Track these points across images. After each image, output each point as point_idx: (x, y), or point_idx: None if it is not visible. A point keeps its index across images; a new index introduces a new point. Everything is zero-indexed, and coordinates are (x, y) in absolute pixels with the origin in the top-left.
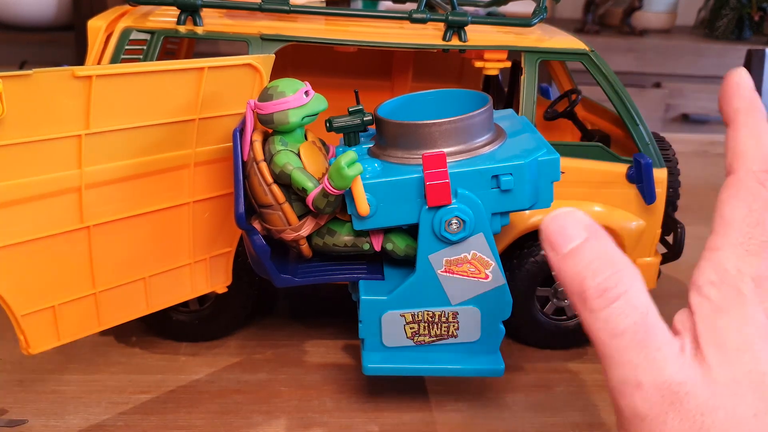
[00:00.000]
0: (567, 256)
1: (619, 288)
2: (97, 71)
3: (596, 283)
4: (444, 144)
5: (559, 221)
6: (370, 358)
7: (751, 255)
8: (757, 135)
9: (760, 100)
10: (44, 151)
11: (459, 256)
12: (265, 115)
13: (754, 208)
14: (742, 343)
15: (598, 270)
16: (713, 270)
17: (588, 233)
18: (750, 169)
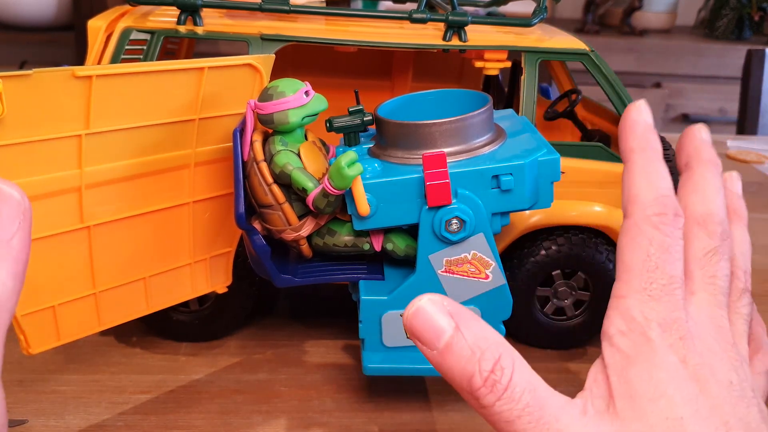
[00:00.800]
0: (443, 352)
1: (504, 376)
2: (97, 71)
3: (483, 380)
4: (444, 144)
5: (421, 316)
6: (370, 358)
7: (653, 300)
8: (648, 175)
9: (656, 137)
10: (44, 151)
11: (459, 256)
12: (265, 115)
13: (651, 252)
14: (655, 391)
15: (482, 364)
16: (621, 318)
17: (455, 320)
18: (644, 213)
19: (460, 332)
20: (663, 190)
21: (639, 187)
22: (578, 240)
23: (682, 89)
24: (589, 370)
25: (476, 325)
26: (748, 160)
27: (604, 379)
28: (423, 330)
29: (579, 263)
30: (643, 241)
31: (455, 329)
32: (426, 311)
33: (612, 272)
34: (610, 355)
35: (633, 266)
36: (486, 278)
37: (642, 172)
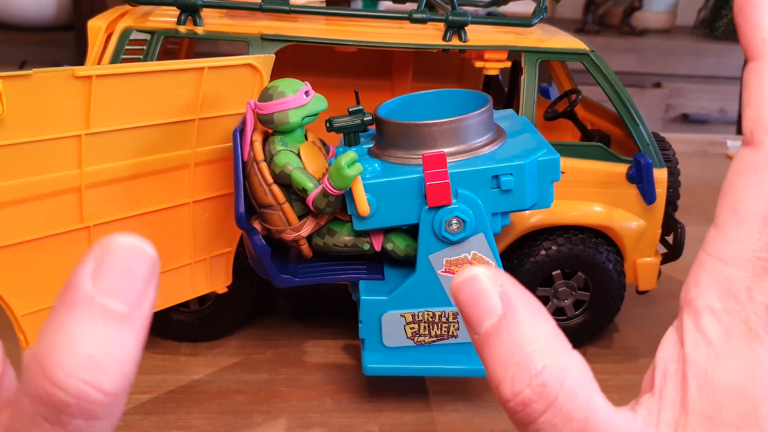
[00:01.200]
0: (485, 339)
1: (545, 397)
2: (97, 71)
3: (514, 394)
4: (444, 144)
5: (471, 287)
6: (370, 358)
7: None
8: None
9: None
10: (44, 151)
11: (459, 256)
12: (265, 115)
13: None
14: (744, 415)
15: (516, 374)
16: (716, 291)
17: (503, 304)
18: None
19: (505, 322)
20: None
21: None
22: (578, 240)
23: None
24: (660, 353)
25: (528, 316)
26: None
27: (680, 379)
28: (469, 304)
29: (579, 263)
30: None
31: (501, 316)
32: (478, 283)
33: (611, 272)
34: (694, 346)
35: (751, 217)
36: None
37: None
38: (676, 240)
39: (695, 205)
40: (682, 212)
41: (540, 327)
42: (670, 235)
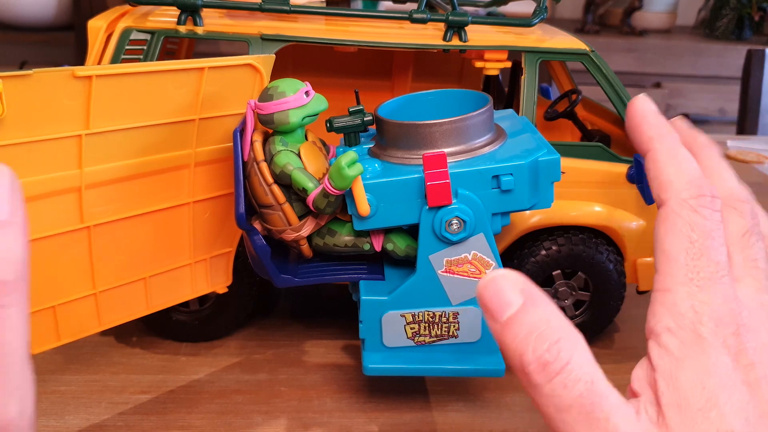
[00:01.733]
0: (505, 325)
1: (560, 360)
2: (97, 71)
3: (536, 357)
4: (444, 144)
5: (493, 286)
6: (370, 358)
7: (702, 291)
8: (677, 160)
9: (668, 124)
10: (44, 151)
11: (459, 256)
12: (265, 115)
13: (695, 238)
14: (706, 401)
15: (536, 343)
16: (668, 315)
17: (524, 297)
18: (680, 198)
19: (525, 309)
20: (694, 172)
21: (669, 173)
22: (578, 240)
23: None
24: (634, 371)
25: (545, 307)
26: (748, 160)
27: (652, 384)
28: (491, 300)
29: (579, 263)
30: (683, 227)
31: (522, 306)
32: (499, 283)
33: (612, 272)
34: (659, 357)
35: (676, 256)
36: None
37: (669, 158)
38: None
39: None
40: None
41: (555, 313)
42: None
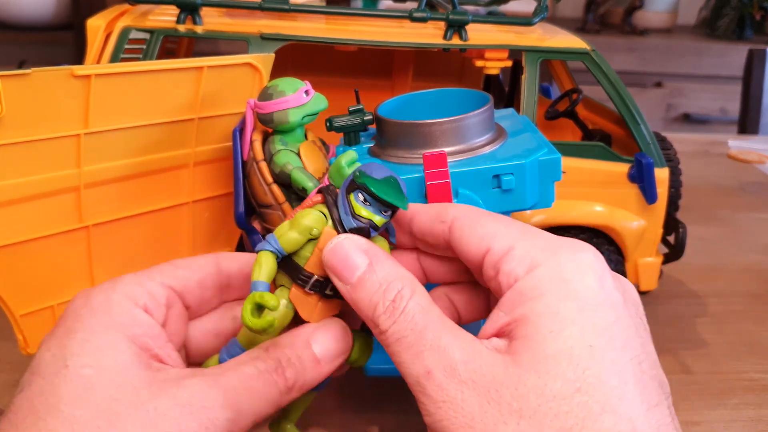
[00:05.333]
0: (356, 285)
1: (401, 302)
2: (96, 70)
3: (385, 307)
4: (445, 143)
5: (340, 250)
6: (372, 359)
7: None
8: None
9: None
10: (43, 150)
11: None
12: (264, 114)
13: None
14: (561, 323)
15: (386, 295)
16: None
17: (369, 257)
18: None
19: (372, 268)
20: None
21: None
22: (590, 239)
23: (683, 89)
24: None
25: (388, 263)
26: (749, 159)
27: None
28: (339, 265)
29: None
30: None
31: (369, 265)
32: (344, 248)
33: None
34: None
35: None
36: None
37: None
38: (678, 240)
39: (696, 205)
40: (683, 212)
41: (396, 266)
42: (672, 235)
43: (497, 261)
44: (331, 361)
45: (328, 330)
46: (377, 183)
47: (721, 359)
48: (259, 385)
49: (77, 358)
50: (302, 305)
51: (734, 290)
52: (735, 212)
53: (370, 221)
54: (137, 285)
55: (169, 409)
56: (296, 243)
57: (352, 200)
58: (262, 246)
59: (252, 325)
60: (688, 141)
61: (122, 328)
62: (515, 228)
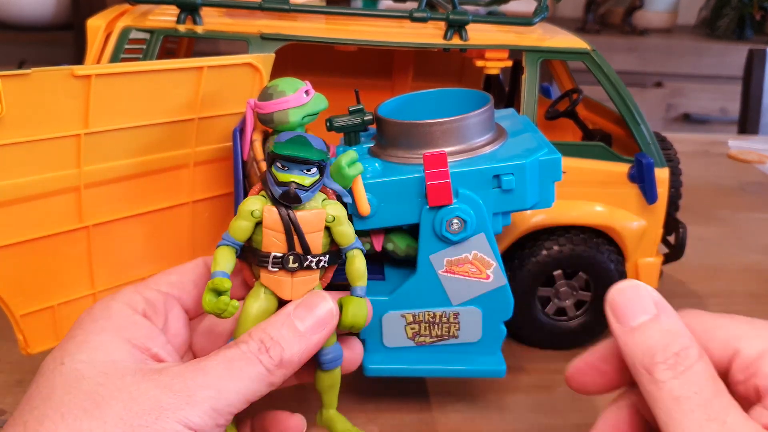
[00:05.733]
0: (635, 330)
1: (688, 359)
2: (96, 70)
3: (665, 358)
4: (445, 143)
5: (631, 293)
6: (371, 359)
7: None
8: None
9: None
10: (43, 150)
11: (460, 256)
12: (265, 114)
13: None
14: None
15: (670, 345)
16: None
17: (658, 310)
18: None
19: (658, 318)
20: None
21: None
22: (579, 240)
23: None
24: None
25: (676, 319)
26: (749, 159)
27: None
28: (623, 306)
29: (580, 263)
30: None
31: (656, 315)
32: (637, 291)
33: (613, 272)
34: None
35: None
36: (487, 278)
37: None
38: (678, 240)
39: (697, 205)
40: (683, 212)
41: (683, 325)
42: (672, 235)
43: (750, 364)
44: (316, 332)
45: (306, 302)
46: (282, 145)
47: None
48: (241, 364)
49: (73, 356)
50: (277, 286)
51: (734, 290)
52: (735, 212)
53: (293, 182)
54: (135, 293)
55: (149, 389)
56: (245, 230)
57: (273, 171)
58: (219, 243)
59: (211, 309)
60: (688, 141)
61: (120, 331)
62: (760, 327)
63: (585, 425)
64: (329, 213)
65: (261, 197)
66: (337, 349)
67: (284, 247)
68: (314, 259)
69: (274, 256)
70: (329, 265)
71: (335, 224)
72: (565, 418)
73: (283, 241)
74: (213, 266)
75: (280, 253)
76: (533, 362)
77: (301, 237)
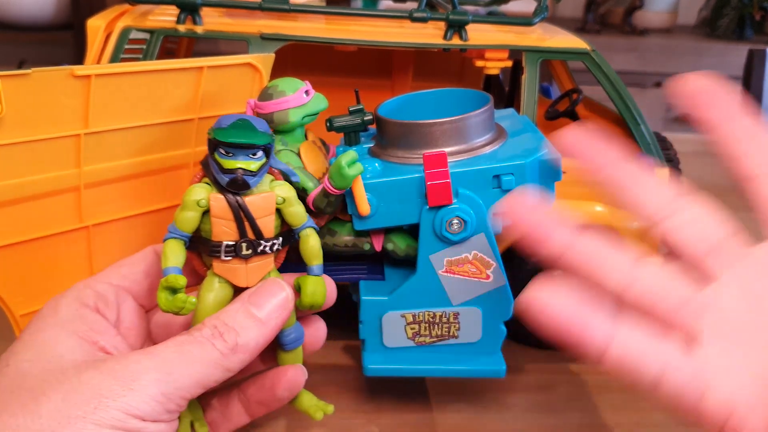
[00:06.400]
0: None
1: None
2: (96, 70)
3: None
4: (445, 143)
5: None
6: (370, 358)
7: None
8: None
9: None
10: (43, 150)
11: (460, 256)
12: (265, 114)
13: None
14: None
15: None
16: None
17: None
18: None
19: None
20: None
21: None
22: None
23: None
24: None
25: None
26: None
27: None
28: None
29: None
30: None
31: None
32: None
33: None
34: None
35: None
36: (487, 279)
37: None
38: None
39: None
40: None
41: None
42: None
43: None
44: (274, 316)
45: (262, 290)
46: (225, 131)
47: None
48: (193, 347)
49: (19, 356)
50: (231, 275)
51: None
52: (735, 212)
53: (240, 169)
54: (85, 288)
55: (92, 378)
56: (192, 220)
57: (217, 158)
58: (165, 236)
59: (167, 307)
60: (688, 141)
61: (67, 325)
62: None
63: (585, 425)
64: (279, 195)
65: (205, 185)
66: (297, 329)
67: (236, 235)
68: (267, 243)
69: (226, 245)
70: (282, 247)
71: (286, 206)
72: (566, 417)
73: (233, 228)
74: (163, 262)
75: (232, 242)
76: (533, 362)
77: (252, 223)
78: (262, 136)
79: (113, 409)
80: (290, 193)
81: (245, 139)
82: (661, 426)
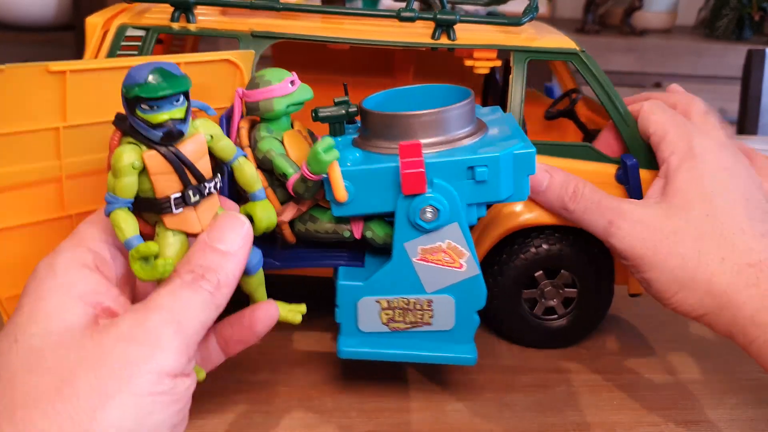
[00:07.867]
0: (546, 190)
1: (579, 192)
2: (71, 66)
3: (569, 196)
4: (423, 135)
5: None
6: (345, 342)
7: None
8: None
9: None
10: (24, 142)
11: (434, 244)
12: (251, 102)
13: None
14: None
15: (567, 188)
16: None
17: (549, 173)
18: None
19: (554, 178)
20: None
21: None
22: (567, 239)
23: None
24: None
25: (562, 172)
26: None
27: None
28: (532, 181)
29: (568, 262)
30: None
31: (552, 176)
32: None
33: (600, 272)
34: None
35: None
36: (460, 267)
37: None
38: None
39: None
40: None
41: (566, 173)
42: None
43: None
44: (240, 246)
45: (217, 225)
46: (147, 86)
47: (721, 359)
48: (187, 293)
49: (25, 329)
50: (185, 224)
51: None
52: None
53: (169, 119)
54: (79, 247)
55: (113, 346)
56: (132, 185)
57: (141, 116)
58: (109, 208)
59: (150, 276)
60: None
61: (69, 288)
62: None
63: (584, 423)
64: (206, 133)
65: (129, 145)
66: (256, 253)
67: (179, 186)
68: (210, 184)
69: (174, 198)
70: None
71: (215, 142)
72: (564, 416)
73: (176, 180)
74: (120, 235)
75: (178, 193)
76: (531, 361)
77: (192, 169)
78: (184, 81)
79: (146, 373)
80: (215, 128)
81: (172, 88)
82: (661, 426)
